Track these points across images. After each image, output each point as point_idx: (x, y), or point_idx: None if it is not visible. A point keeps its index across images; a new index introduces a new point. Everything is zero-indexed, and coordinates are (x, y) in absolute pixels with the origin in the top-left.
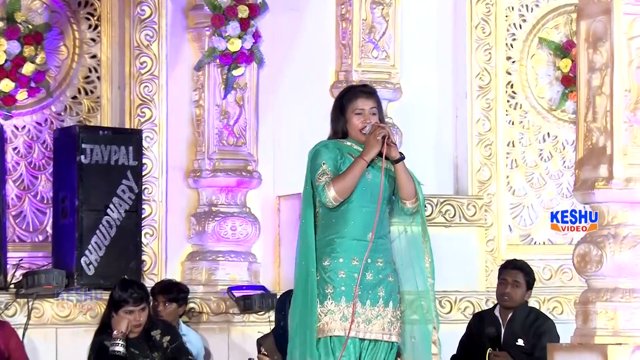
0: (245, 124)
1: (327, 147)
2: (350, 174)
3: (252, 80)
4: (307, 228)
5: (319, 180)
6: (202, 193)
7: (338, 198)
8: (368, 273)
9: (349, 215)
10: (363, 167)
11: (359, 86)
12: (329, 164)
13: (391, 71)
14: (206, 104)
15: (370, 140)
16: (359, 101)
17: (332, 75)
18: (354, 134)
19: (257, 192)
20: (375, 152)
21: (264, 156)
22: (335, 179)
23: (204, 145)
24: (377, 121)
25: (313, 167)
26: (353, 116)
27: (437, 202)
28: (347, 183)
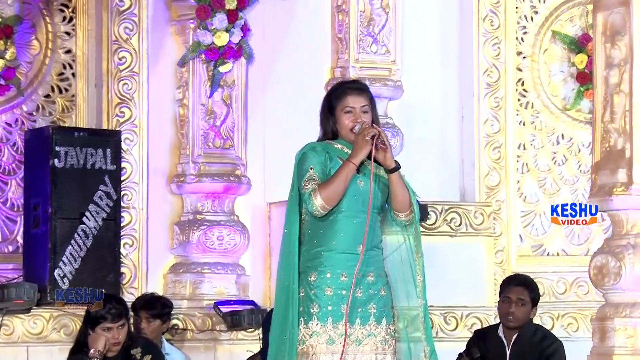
0: (233, 124)
1: (314, 150)
2: (337, 178)
3: (241, 77)
4: (291, 239)
5: (306, 187)
6: (186, 200)
7: (326, 206)
8: (357, 289)
9: (338, 225)
10: (351, 171)
11: (349, 82)
12: (316, 168)
13: (391, 67)
14: (190, 103)
15: (358, 141)
16: (348, 98)
17: (327, 72)
18: (344, 134)
19: (246, 199)
20: (364, 154)
21: (254, 160)
22: (322, 185)
23: (188, 148)
24: (369, 120)
25: (299, 172)
26: (342, 115)
27: (441, 209)
28: (335, 189)
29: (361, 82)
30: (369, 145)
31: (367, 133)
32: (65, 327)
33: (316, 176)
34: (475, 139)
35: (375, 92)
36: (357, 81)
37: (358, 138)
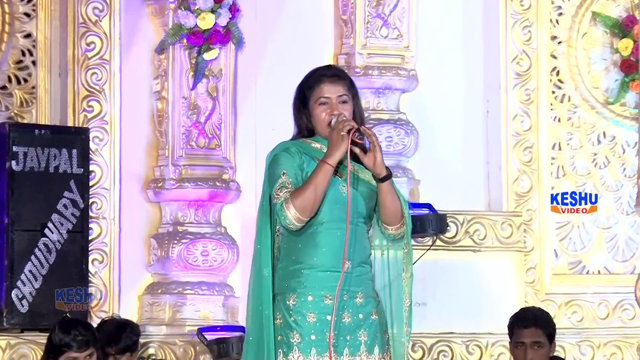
0: (220, 121)
1: (288, 152)
2: (310, 184)
3: (229, 65)
4: (263, 256)
5: (277, 196)
6: (165, 208)
7: (301, 217)
8: (345, 313)
9: (319, 239)
10: (327, 174)
11: (323, 68)
12: (289, 173)
13: (405, 54)
14: (170, 96)
15: (333, 138)
16: (322, 87)
17: (329, 60)
18: (320, 130)
19: (235, 208)
20: (341, 152)
21: (244, 162)
22: (294, 192)
23: (167, 148)
24: (349, 112)
25: (270, 178)
26: (317, 107)
27: (463, 220)
28: (309, 196)
29: (337, 67)
30: (345, 142)
31: (342, 127)
32: (24, 358)
33: (289, 183)
34: (502, 138)
35: (386, 84)
36: (332, 66)
37: (332, 134)
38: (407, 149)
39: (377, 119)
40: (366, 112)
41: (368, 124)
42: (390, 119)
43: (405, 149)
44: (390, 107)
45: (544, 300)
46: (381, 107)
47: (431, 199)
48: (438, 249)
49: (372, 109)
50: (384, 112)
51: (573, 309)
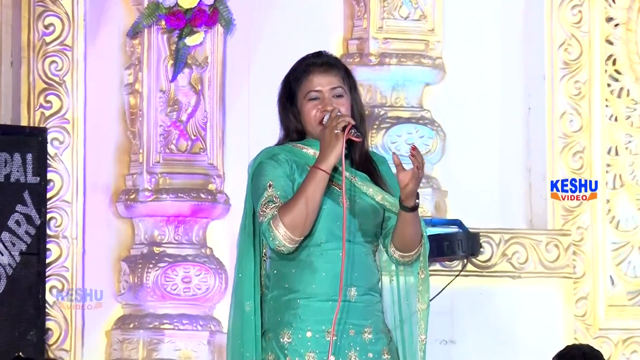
0: (206, 119)
1: (275, 159)
2: (302, 196)
3: (216, 53)
4: (245, 287)
5: (263, 212)
6: (139, 226)
7: (293, 237)
8: (351, 352)
9: (316, 262)
10: (321, 182)
11: (312, 56)
12: (277, 185)
13: (429, 39)
14: (145, 90)
15: (325, 138)
16: (312, 79)
17: (338, 46)
18: (312, 130)
19: (224, 225)
20: (337, 154)
21: (234, 169)
22: (283, 207)
23: (141, 153)
24: (346, 107)
25: (254, 191)
26: (306, 103)
27: (499, 240)
28: (300, 211)
29: (329, 54)
30: (340, 142)
31: (335, 124)
32: None
33: (277, 196)
34: (547, 141)
35: (407, 75)
36: (323, 53)
37: (325, 133)
38: (431, 153)
39: (396, 118)
40: (382, 109)
41: (384, 124)
42: (411, 117)
43: (430, 153)
44: (412, 103)
45: (597, 337)
46: (400, 103)
47: (461, 215)
48: (469, 275)
49: (389, 105)
50: (404, 109)
51: (632, 347)
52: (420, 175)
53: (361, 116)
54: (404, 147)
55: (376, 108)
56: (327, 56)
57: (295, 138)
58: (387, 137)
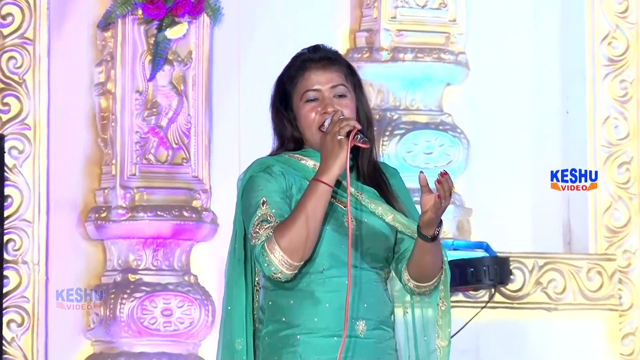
0: (189, 125)
1: (268, 172)
2: (301, 213)
3: (202, 47)
4: (235, 322)
5: (256, 234)
6: (112, 249)
7: (291, 262)
8: None
9: (318, 292)
10: (322, 197)
11: (308, 51)
12: (272, 201)
13: (451, 31)
14: (119, 90)
15: (327, 145)
16: (309, 77)
17: (344, 39)
18: (311, 137)
19: (210, 248)
20: (340, 164)
21: (223, 183)
22: (278, 228)
23: (114, 164)
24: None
25: (245, 210)
26: (303, 106)
27: (532, 266)
28: (300, 231)
29: (328, 48)
30: (344, 150)
31: (338, 128)
32: None
33: (272, 215)
34: (588, 151)
35: (424, 72)
36: (321, 47)
37: (326, 140)
38: (453, 164)
39: (411, 123)
40: (395, 112)
41: (398, 130)
42: (430, 122)
43: (451, 164)
44: (430, 106)
45: None
46: (417, 105)
47: (488, 236)
48: (497, 307)
49: (403, 108)
50: (421, 113)
51: None
52: (443, 205)
53: (368, 120)
54: (421, 158)
55: (388, 112)
56: (326, 50)
57: (292, 147)
58: (401, 146)
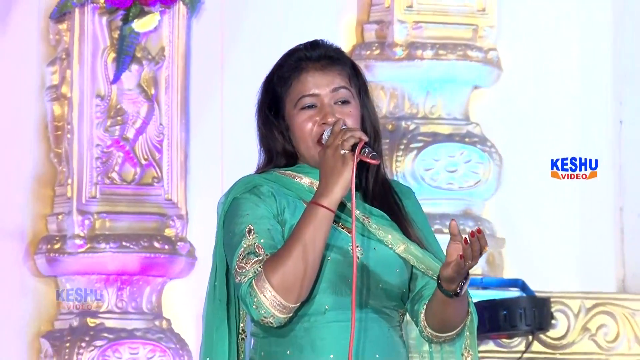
0: (162, 136)
1: (255, 193)
2: (297, 243)
3: (177, 43)
4: None
5: (242, 269)
6: (67, 287)
7: (285, 303)
8: None
9: (319, 337)
10: (324, 223)
11: (303, 47)
12: (260, 229)
13: (479, 23)
14: (76, 94)
15: (327, 161)
16: (305, 78)
17: (349, 33)
18: (306, 151)
19: (186, 286)
20: (344, 184)
21: (201, 206)
22: (269, 262)
23: (70, 185)
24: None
25: (229, 239)
26: (298, 114)
27: (579, 308)
28: (296, 266)
29: (328, 44)
30: (349, 166)
31: (342, 141)
32: None
33: (261, 246)
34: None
35: (447, 74)
36: (319, 43)
37: (326, 154)
38: (482, 185)
39: (431, 134)
40: (412, 121)
41: (415, 143)
42: (454, 133)
43: (480, 184)
44: (454, 114)
45: None
46: (438, 113)
47: (524, 272)
48: (536, 358)
49: (422, 116)
50: (443, 122)
51: None
52: (465, 267)
53: (375, 130)
54: (442, 177)
55: (403, 120)
56: (326, 47)
57: (283, 163)
58: (419, 162)
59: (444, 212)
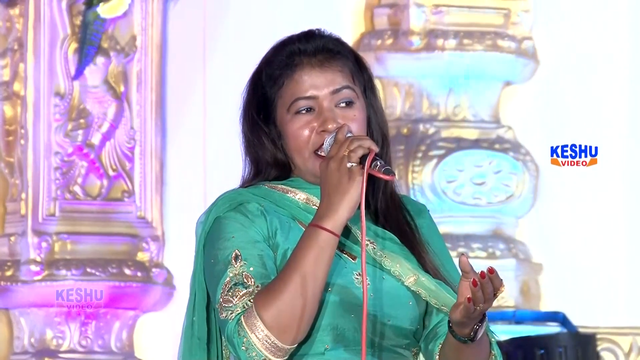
0: (133, 142)
1: (241, 211)
2: (294, 273)
3: (151, 31)
4: None
5: (228, 303)
6: (21, 322)
7: (281, 344)
8: None
9: None
10: (327, 250)
11: (297, 39)
12: (248, 255)
13: (511, 7)
14: (31, 92)
15: (330, 176)
16: (300, 77)
17: (357, 19)
18: (300, 161)
19: (162, 320)
20: (351, 204)
21: (180, 226)
22: (261, 295)
23: (24, 200)
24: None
25: (210, 267)
26: (292, 120)
27: (629, 346)
28: (293, 300)
29: (327, 35)
30: (357, 182)
31: (349, 152)
32: None
33: (250, 275)
34: None
35: (473, 68)
36: (315, 34)
37: (329, 168)
38: (515, 200)
39: (455, 139)
40: (432, 125)
41: (434, 150)
42: (481, 139)
43: (512, 199)
44: (482, 116)
45: None
46: (462, 114)
47: (565, 304)
48: None
49: (443, 118)
50: (469, 125)
51: None
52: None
53: (383, 135)
54: (468, 191)
55: (421, 123)
56: (324, 37)
57: (273, 176)
58: (440, 173)
59: (470, 232)
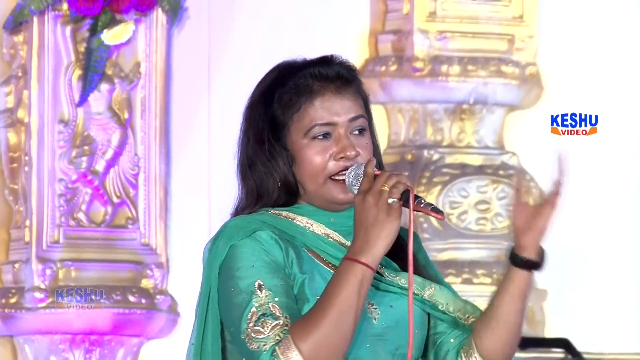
0: (137, 169)
1: (256, 239)
2: (333, 308)
3: (156, 58)
4: None
5: (259, 335)
6: (25, 350)
7: None
8: None
9: None
10: (365, 285)
11: (313, 63)
12: (272, 285)
13: (516, 33)
14: (35, 119)
15: (367, 210)
16: (320, 103)
17: (361, 44)
18: (313, 187)
19: (167, 347)
20: (388, 239)
21: (185, 253)
22: (298, 326)
23: (28, 227)
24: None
25: (229, 296)
26: (309, 145)
27: None
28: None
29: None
30: (396, 220)
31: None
32: None
33: (277, 305)
34: None
35: (477, 92)
36: (333, 59)
37: (366, 202)
38: None
39: (459, 166)
40: (436, 151)
41: (439, 176)
42: (485, 165)
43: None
44: (486, 142)
45: None
46: (467, 140)
47: (569, 330)
48: None
49: (447, 144)
50: (474, 152)
51: None
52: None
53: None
54: (472, 216)
55: (425, 149)
56: (342, 64)
57: (275, 200)
58: (444, 199)
59: (474, 258)
